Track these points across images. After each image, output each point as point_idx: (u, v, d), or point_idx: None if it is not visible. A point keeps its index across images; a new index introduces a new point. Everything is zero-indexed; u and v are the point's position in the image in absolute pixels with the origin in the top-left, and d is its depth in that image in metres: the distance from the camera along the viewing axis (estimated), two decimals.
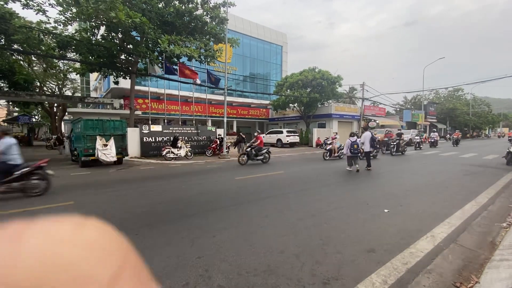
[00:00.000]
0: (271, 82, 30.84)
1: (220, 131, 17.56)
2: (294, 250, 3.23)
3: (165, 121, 20.85)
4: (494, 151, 16.87)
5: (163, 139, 14.93)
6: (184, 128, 16.44)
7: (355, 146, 9.62)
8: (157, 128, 15.38)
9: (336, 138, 14.17)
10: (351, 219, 4.42)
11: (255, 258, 3.05)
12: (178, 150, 13.34)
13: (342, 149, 12.71)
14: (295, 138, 23.26)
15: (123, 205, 5.44)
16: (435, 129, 27.65)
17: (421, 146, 19.97)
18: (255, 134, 12.83)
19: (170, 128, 15.73)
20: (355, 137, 9.84)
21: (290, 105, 26.07)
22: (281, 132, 23.50)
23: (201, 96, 23.75)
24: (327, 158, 13.44)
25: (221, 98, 21.90)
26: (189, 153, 13.77)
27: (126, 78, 15.41)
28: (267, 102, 29.92)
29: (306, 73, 23.95)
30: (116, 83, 16.63)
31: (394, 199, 5.64)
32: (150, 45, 13.44)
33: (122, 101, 20.92)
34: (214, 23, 14.51)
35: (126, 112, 17.20)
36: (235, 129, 27.87)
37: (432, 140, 21.56)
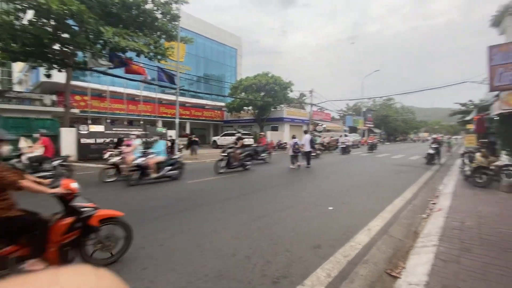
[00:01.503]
0: (226, 84, 30.74)
1: (172, 133, 16.74)
2: (246, 252, 3.25)
3: (108, 120, 19.02)
4: (418, 153, 19.71)
5: (105, 140, 13.57)
6: (131, 129, 15.20)
7: (296, 146, 11.32)
8: (98, 128, 13.92)
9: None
10: (300, 218, 4.66)
11: (206, 263, 2.98)
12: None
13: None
14: (250, 141, 23.59)
15: None
16: (346, 134, 28.37)
17: (348, 150, 20.05)
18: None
19: (114, 129, 14.40)
20: (296, 139, 11.71)
21: (245, 108, 26.36)
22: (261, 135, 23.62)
23: (151, 95, 22.37)
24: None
25: (172, 98, 20.90)
26: None
27: (61, 71, 13.53)
28: (222, 104, 29.70)
29: (260, 77, 24.55)
30: (48, 76, 14.50)
31: (337, 197, 6.14)
32: (91, 36, 12.10)
33: (54, 97, 18.35)
34: (165, 19, 13.81)
35: (60, 110, 15.15)
36: (188, 131, 26.93)
37: (344, 146, 19.69)
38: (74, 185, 2.75)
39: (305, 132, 13.00)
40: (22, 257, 2.38)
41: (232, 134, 23.85)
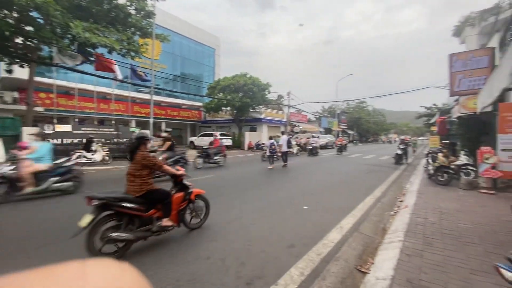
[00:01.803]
0: (204, 83, 30.26)
1: (146, 133, 16.10)
2: (220, 255, 3.21)
3: (76, 120, 17.91)
4: (387, 153, 20.78)
5: (72, 141, 12.75)
6: (101, 129, 14.43)
7: (273, 147, 11.87)
8: (65, 128, 13.01)
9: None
10: (276, 217, 4.70)
11: (180, 268, 2.89)
12: (92, 154, 11.63)
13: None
14: (228, 141, 23.42)
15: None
16: (313, 135, 26.48)
17: (316, 151, 19.48)
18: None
19: (83, 129, 13.56)
20: (273, 140, 12.33)
21: (223, 108, 26.13)
22: (214, 135, 23.29)
23: (123, 93, 21.39)
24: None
25: (147, 96, 20.12)
26: (107, 158, 12.18)
27: (24, 67, 12.47)
28: (200, 104, 29.19)
29: (238, 78, 24.48)
30: (9, 71, 13.29)
31: (312, 196, 6.28)
32: (58, 30, 11.29)
33: (16, 94, 16.89)
34: (139, 15, 13.28)
35: (22, 108, 13.98)
36: (163, 131, 26.15)
37: (310, 147, 19.02)
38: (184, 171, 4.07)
39: (282, 133, 13.25)
40: (159, 217, 3.48)
41: (210, 135, 23.56)
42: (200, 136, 24.39)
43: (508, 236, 3.66)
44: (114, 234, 3.00)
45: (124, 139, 14.82)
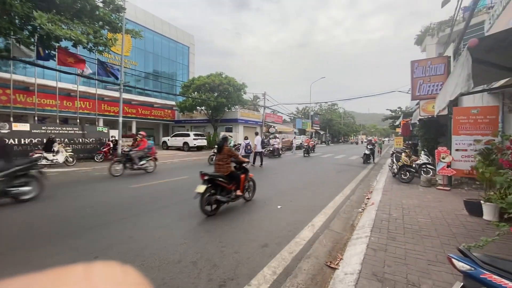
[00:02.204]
0: (177, 82, 29.42)
1: (115, 133, 15.30)
2: (192, 258, 3.14)
3: (36, 118, 16.48)
4: (356, 153, 21.81)
5: (32, 141, 11.71)
6: (65, 128, 13.39)
7: (248, 147, 11.92)
8: (23, 127, 11.89)
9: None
10: (249, 218, 4.71)
11: (148, 274, 2.78)
12: (54, 155, 10.76)
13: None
14: (203, 142, 22.99)
15: None
16: (276, 135, 24.60)
17: (278, 153, 18.67)
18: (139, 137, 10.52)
19: (43, 128, 12.49)
20: (248, 140, 12.25)
21: (198, 108, 25.61)
22: (188, 135, 22.67)
23: (90, 90, 20.10)
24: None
25: (116, 94, 19.11)
26: (71, 159, 11.35)
27: None
28: (173, 103, 28.33)
29: (213, 77, 24.14)
30: None
31: (286, 196, 6.39)
32: (17, 20, 10.28)
33: None
34: (108, 9, 12.55)
35: None
36: (134, 131, 24.97)
37: (271, 149, 18.08)
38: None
39: (256, 134, 13.39)
40: (234, 189, 5.18)
41: (185, 135, 22.97)
42: (173, 136, 23.68)
43: (460, 228, 4.03)
44: (218, 196, 4.87)
45: (91, 139, 13.91)
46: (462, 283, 1.53)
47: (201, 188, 4.52)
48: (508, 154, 3.42)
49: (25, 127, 11.98)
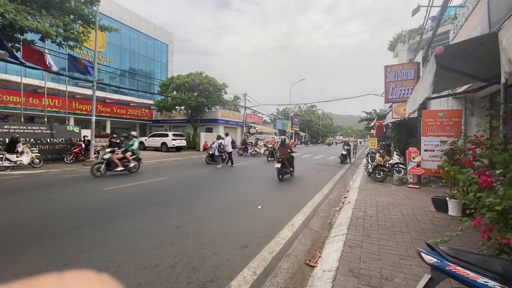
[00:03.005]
0: (155, 81, 28.56)
1: (87, 132, 14.52)
2: (170, 261, 3.06)
3: None
4: (334, 154, 22.49)
5: None
6: (31, 127, 12.46)
7: (221, 146, 12.20)
8: None
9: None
10: (230, 219, 4.68)
11: (123, 280, 2.66)
12: (18, 156, 9.98)
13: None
14: (182, 142, 22.47)
15: None
16: (221, 135, 24.48)
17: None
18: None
19: (6, 127, 11.55)
20: (221, 140, 12.49)
21: (177, 107, 25.02)
22: (167, 135, 22.03)
23: (59, 87, 18.89)
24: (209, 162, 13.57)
25: (88, 92, 18.12)
26: (37, 160, 10.60)
27: None
28: (151, 102, 27.44)
29: (193, 76, 23.72)
30: None
31: (266, 196, 6.43)
32: None
33: None
34: (79, 2, 11.85)
35: None
36: (108, 130, 23.85)
37: (218, 154, 15.20)
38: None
39: (226, 134, 13.50)
40: (288, 167, 9.25)
41: (163, 135, 22.31)
42: (151, 136, 22.92)
43: (428, 224, 4.29)
44: (287, 170, 9.20)
45: (60, 139, 13.07)
46: (430, 275, 1.63)
47: (278, 165, 8.75)
48: (469, 155, 3.71)
49: None
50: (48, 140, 12.65)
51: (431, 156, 7.21)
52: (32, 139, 11.85)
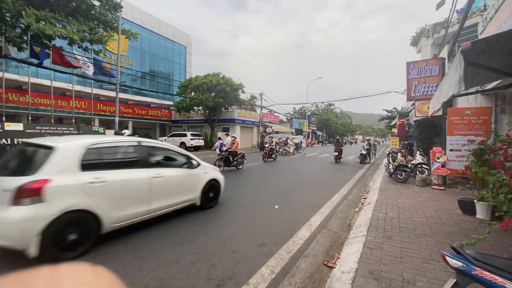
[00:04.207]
0: (174, 82, 29.30)
1: (111, 133, 15.17)
2: (190, 258, 3.16)
3: (30, 118, 16.29)
4: (353, 153, 21.96)
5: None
6: (60, 128, 13.16)
7: (223, 147, 12.26)
8: (16, 126, 11.66)
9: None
10: (247, 218, 4.74)
11: (146, 274, 2.79)
12: None
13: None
14: (200, 142, 22.96)
15: None
16: (190, 134, 22.91)
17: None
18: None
19: (38, 128, 12.31)
20: (222, 140, 12.77)
21: (195, 108, 25.57)
22: (185, 135, 22.62)
23: (85, 90, 19.90)
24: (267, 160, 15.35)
25: (111, 94, 18.96)
26: None
27: None
28: (170, 102, 28.22)
29: (210, 77, 24.13)
30: None
31: (283, 196, 6.43)
32: (8, 18, 10.14)
33: None
34: (104, 8, 12.46)
35: None
36: (130, 131, 24.83)
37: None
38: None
39: (227, 134, 13.78)
40: (340, 155, 15.32)
41: (182, 135, 22.90)
42: (170, 136, 23.60)
43: (454, 227, 4.10)
44: (340, 156, 15.01)
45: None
46: (455, 280, 1.58)
47: (336, 153, 14.38)
48: (500, 155, 3.50)
49: (18, 126, 11.75)
50: None
51: (458, 156, 6.86)
52: None
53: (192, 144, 22.01)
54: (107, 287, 0.35)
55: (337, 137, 18.21)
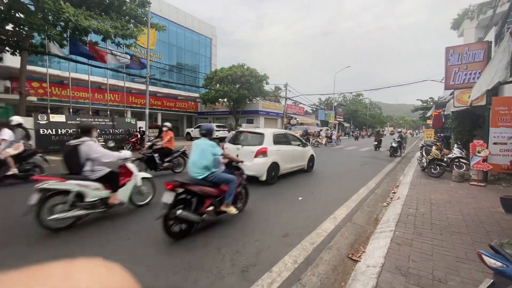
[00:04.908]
0: (200, 74, 29.88)
1: (142, 124, 16.03)
2: (216, 244, 3.28)
3: (71, 110, 17.68)
4: (383, 146, 20.94)
5: (67, 131, 12.62)
6: (97, 119, 14.28)
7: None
8: (59, 118, 12.85)
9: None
10: (271, 209, 4.78)
11: (175, 256, 2.96)
12: None
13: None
14: (225, 133, 23.37)
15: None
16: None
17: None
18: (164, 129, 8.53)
19: (78, 119, 13.41)
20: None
21: (220, 99, 25.95)
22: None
23: (118, 83, 21.05)
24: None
25: (142, 87, 19.87)
26: None
27: (16, 55, 12.18)
28: (196, 94, 28.91)
29: (235, 68, 24.22)
30: (0, 59, 12.98)
31: (307, 188, 6.37)
32: (50, 17, 10.99)
33: (8, 83, 16.54)
34: (134, 4, 12.99)
35: (15, 98, 13.74)
36: (159, 122, 25.94)
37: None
38: None
39: (229, 131, 14.02)
40: (379, 144, 17.95)
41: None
42: (196, 127, 24.29)
43: (494, 226, 3.79)
44: (379, 145, 17.64)
45: (120, 130, 14.70)
46: (492, 280, 1.47)
47: (375, 143, 17.56)
48: None
49: (61, 118, 12.93)
50: (111, 131, 14.35)
51: (502, 150, 6.27)
52: (98, 130, 13.53)
53: (217, 136, 22.46)
54: (120, 283, 0.35)
55: (378, 129, 20.74)
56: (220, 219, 4.14)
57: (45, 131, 12.14)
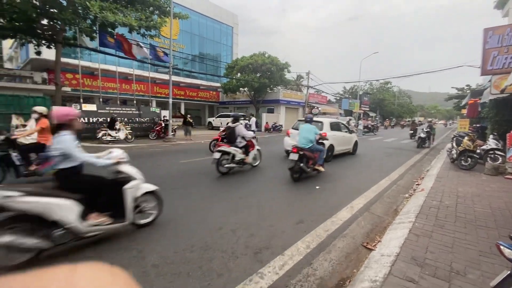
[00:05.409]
0: (222, 63, 30.00)
1: (166, 113, 16.60)
2: (232, 226, 3.41)
3: (101, 100, 18.73)
4: (408, 137, 19.90)
5: (98, 120, 13.45)
6: (124, 109, 15.02)
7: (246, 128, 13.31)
8: (90, 107, 13.71)
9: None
10: (288, 196, 4.83)
11: (193, 236, 3.13)
12: (116, 133, 12.23)
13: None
14: (245, 122, 23.54)
15: None
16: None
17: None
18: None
19: (107, 108, 14.20)
20: (248, 121, 14.02)
21: (241, 89, 25.97)
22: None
23: (144, 74, 21.83)
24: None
25: (166, 77, 20.42)
26: (130, 136, 12.77)
27: (51, 48, 13.07)
28: (217, 84, 29.18)
29: (256, 57, 23.98)
30: (38, 53, 13.99)
31: (325, 177, 6.30)
32: (80, 11, 11.59)
33: (45, 74, 17.81)
34: None
35: (51, 88, 14.82)
36: (182, 111, 26.68)
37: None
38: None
39: (252, 115, 14.01)
40: (415, 133, 16.99)
41: (228, 116, 23.70)
42: (218, 117, 24.66)
43: None
44: (415, 134, 16.71)
45: (146, 119, 15.36)
46: (509, 272, 1.41)
47: (411, 131, 17.99)
48: None
49: (92, 107, 13.77)
50: (137, 120, 15.05)
51: None
52: (125, 119, 14.26)
53: (241, 123, 22.68)
54: (123, 287, 0.35)
55: (414, 119, 22.01)
56: (238, 204, 4.26)
57: (78, 119, 12.98)
